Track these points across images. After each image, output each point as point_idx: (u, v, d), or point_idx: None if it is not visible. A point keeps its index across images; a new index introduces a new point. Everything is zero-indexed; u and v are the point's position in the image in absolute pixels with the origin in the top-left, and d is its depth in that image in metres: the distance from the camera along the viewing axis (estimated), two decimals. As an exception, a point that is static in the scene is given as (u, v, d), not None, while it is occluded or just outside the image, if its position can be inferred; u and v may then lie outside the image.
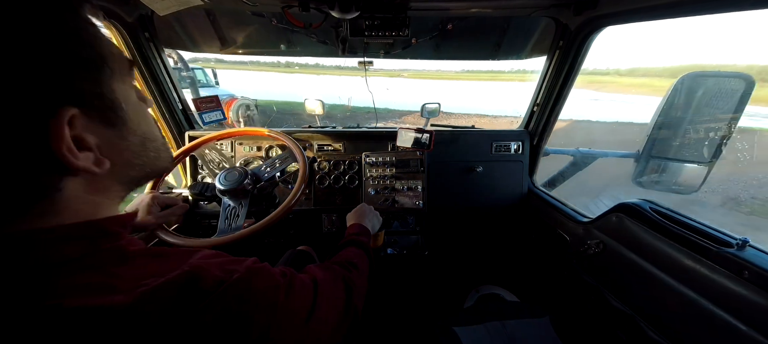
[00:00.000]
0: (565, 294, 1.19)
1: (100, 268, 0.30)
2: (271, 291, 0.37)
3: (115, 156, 0.32)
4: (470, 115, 10.20)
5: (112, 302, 0.27)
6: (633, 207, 0.92)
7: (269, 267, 0.40)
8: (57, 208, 0.30)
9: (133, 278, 0.30)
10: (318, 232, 1.41)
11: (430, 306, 1.43)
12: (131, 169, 0.36)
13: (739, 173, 2.37)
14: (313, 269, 0.51)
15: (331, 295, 0.48)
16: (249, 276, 0.35)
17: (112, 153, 0.32)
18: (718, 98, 1.14)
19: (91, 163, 0.30)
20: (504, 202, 1.43)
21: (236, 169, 0.94)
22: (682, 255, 0.76)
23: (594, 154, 1.47)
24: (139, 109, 0.36)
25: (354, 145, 1.36)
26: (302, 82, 11.06)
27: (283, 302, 0.37)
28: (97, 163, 0.30)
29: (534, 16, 1.11)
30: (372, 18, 1.03)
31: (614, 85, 16.32)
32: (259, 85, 14.51)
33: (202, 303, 0.30)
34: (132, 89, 0.36)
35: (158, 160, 0.39)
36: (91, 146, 0.29)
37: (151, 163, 0.38)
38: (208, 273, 0.32)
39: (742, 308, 0.64)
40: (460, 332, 0.91)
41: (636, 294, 0.89)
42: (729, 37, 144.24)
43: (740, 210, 2.45)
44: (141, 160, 0.36)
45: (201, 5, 1.00)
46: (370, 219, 0.92)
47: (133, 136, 0.34)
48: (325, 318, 0.44)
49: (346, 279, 0.55)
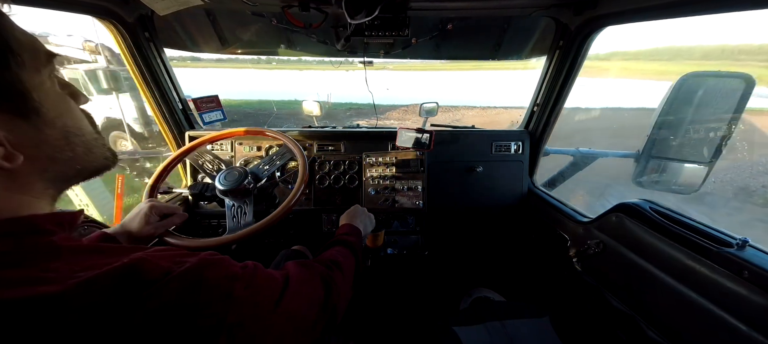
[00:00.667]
0: (565, 294, 1.19)
1: (31, 263, 0.29)
2: (225, 281, 0.35)
3: (31, 150, 0.31)
4: (475, 108, 10.10)
5: (41, 292, 0.26)
6: (633, 207, 0.92)
7: (229, 259, 0.39)
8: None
9: (67, 271, 0.29)
10: (318, 232, 1.41)
11: (430, 306, 1.43)
12: (56, 165, 0.34)
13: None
14: (290, 265, 0.51)
15: (304, 292, 0.46)
16: (201, 266, 0.34)
17: (27, 147, 0.30)
18: (718, 98, 1.14)
19: (0, 158, 0.28)
20: (504, 202, 1.43)
21: (236, 169, 0.94)
22: (682, 255, 0.76)
23: (594, 154, 1.47)
24: (60, 101, 0.34)
25: (354, 145, 1.36)
26: (282, 79, 10.59)
27: (240, 292, 0.36)
28: (7, 158, 0.29)
29: (534, 16, 1.11)
30: (372, 18, 1.03)
31: (594, 69, 16.53)
32: (231, 83, 14.03)
33: (146, 292, 0.29)
34: (50, 81, 0.34)
35: (90, 155, 0.38)
36: (1, 141, 0.28)
37: (80, 158, 0.36)
38: (153, 264, 0.31)
39: (742, 308, 0.64)
40: (460, 332, 0.91)
41: (636, 294, 0.89)
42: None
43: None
44: (65, 155, 0.35)
45: (201, 5, 1.00)
46: (362, 220, 0.91)
47: (51, 128, 0.33)
48: (295, 313, 0.42)
49: (326, 278, 0.54)
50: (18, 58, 0.29)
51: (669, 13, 0.83)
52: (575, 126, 6.56)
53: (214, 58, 8.29)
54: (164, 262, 0.33)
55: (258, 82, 14.01)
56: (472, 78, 16.45)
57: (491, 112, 9.87)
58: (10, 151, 0.29)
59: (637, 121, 7.41)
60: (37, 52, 0.32)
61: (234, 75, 17.08)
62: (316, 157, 1.34)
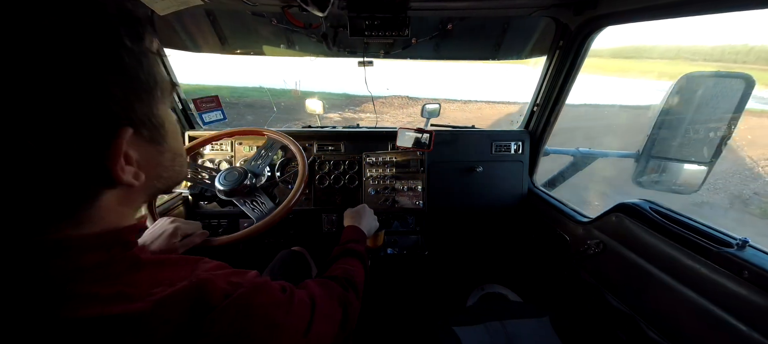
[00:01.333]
0: (565, 293, 1.19)
1: (117, 277, 0.31)
2: (272, 307, 0.37)
3: (150, 170, 0.35)
4: (478, 102, 9.91)
5: (129, 310, 0.28)
6: (633, 207, 0.92)
7: (270, 282, 0.41)
8: (90, 218, 0.31)
9: (147, 285, 0.31)
10: (318, 232, 1.41)
11: (430, 306, 1.43)
12: (158, 182, 0.38)
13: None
14: (312, 286, 0.52)
15: (327, 313, 0.49)
16: (253, 292, 0.36)
17: (148, 167, 0.34)
18: (717, 98, 1.13)
19: (132, 177, 0.32)
20: (504, 202, 1.43)
21: (236, 169, 0.94)
22: (682, 255, 0.76)
23: (594, 154, 1.47)
24: (175, 127, 0.39)
25: (354, 145, 1.36)
26: (243, 64, 10.13)
27: (283, 319, 0.38)
28: (136, 177, 0.32)
29: (534, 16, 1.11)
30: (372, 18, 1.03)
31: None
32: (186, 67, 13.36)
33: (210, 316, 0.31)
34: (168, 109, 0.38)
35: (181, 173, 0.42)
36: (133, 161, 0.32)
37: (175, 175, 0.40)
38: (215, 286, 0.33)
39: (742, 308, 0.64)
40: (460, 332, 0.91)
41: (636, 294, 0.89)
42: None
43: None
44: (168, 173, 0.38)
45: (201, 5, 1.00)
46: (368, 221, 0.91)
47: (169, 152, 0.37)
48: (321, 334, 0.45)
49: (343, 300, 0.56)
50: (160, 92, 0.34)
51: (669, 13, 0.83)
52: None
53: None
54: (222, 283, 0.34)
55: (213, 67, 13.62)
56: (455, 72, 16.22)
57: (472, 106, 9.72)
58: (137, 171, 0.32)
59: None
60: (168, 84, 0.36)
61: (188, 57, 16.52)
62: (316, 157, 1.34)
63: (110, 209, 0.32)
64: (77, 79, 0.26)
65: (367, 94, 1.51)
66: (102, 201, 0.31)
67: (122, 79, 0.29)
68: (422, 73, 14.66)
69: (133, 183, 0.32)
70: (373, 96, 1.63)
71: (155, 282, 0.32)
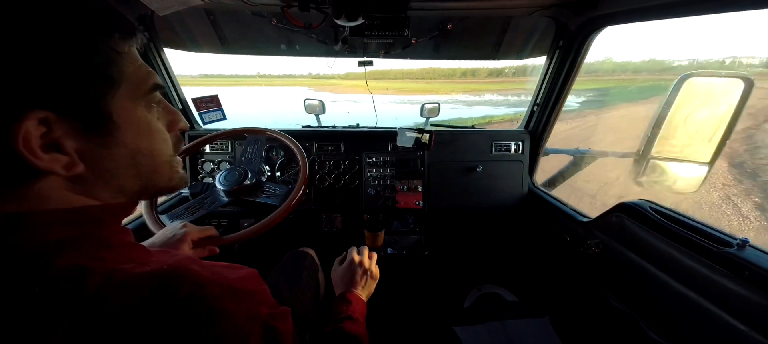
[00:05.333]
0: (565, 294, 1.19)
1: (86, 252, 0.31)
2: (246, 321, 0.33)
3: (94, 163, 0.33)
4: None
5: (88, 285, 0.28)
6: (633, 207, 0.92)
7: (261, 293, 0.37)
8: (35, 196, 0.31)
9: (113, 261, 0.31)
10: (318, 232, 1.41)
11: (430, 306, 1.43)
12: (118, 179, 0.36)
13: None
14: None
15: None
16: (227, 295, 0.33)
17: (90, 160, 0.33)
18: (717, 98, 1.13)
19: (60, 166, 0.30)
20: (504, 202, 1.43)
21: (236, 169, 0.94)
22: (682, 255, 0.76)
23: (594, 153, 1.47)
24: (143, 127, 0.37)
25: (354, 145, 1.36)
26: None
27: (256, 340, 0.32)
28: (68, 166, 0.31)
29: (534, 16, 1.11)
30: (372, 18, 1.03)
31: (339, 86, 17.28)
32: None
33: (172, 307, 0.29)
34: (145, 108, 0.37)
35: (155, 177, 0.40)
36: (68, 151, 0.31)
37: (144, 177, 0.38)
38: (189, 275, 0.32)
39: (742, 308, 0.64)
40: (460, 332, 0.91)
41: (636, 294, 0.89)
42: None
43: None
44: (129, 173, 0.37)
45: (201, 5, 0.99)
46: (362, 279, 0.75)
47: (121, 148, 0.35)
48: None
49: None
50: (113, 88, 0.33)
51: (669, 13, 0.83)
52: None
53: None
54: (202, 273, 0.33)
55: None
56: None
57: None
58: (74, 161, 0.31)
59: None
60: (141, 85, 0.36)
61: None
62: (316, 157, 1.34)
63: (56, 193, 0.32)
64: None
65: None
66: (41, 184, 0.31)
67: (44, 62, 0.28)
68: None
69: (58, 172, 0.30)
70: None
71: (126, 259, 0.32)
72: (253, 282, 0.38)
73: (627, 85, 35.71)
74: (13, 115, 0.27)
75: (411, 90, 32.88)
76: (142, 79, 0.36)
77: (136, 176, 0.38)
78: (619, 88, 26.70)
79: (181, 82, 1.34)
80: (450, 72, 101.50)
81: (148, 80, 0.36)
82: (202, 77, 17.53)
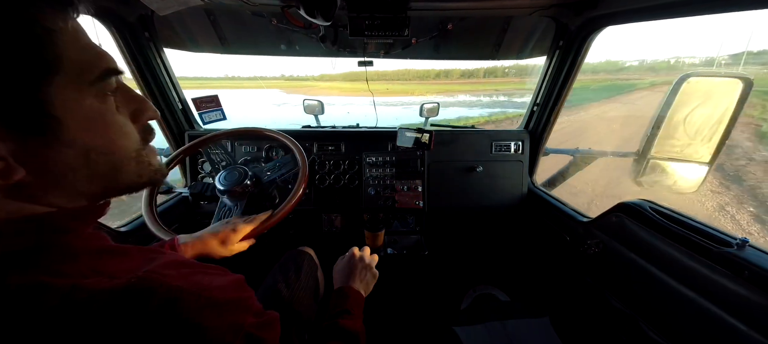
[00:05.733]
0: (565, 294, 1.19)
1: (44, 265, 0.28)
2: (224, 334, 0.31)
3: (36, 166, 0.28)
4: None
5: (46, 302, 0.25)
6: (633, 207, 0.92)
7: (246, 302, 0.35)
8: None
9: (77, 275, 0.28)
10: (318, 232, 1.40)
11: (430, 306, 1.43)
12: (72, 182, 0.32)
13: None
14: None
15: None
16: (205, 308, 0.30)
17: (32, 163, 0.28)
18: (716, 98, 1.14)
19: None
20: (504, 202, 1.43)
21: (237, 169, 0.93)
22: (682, 255, 0.76)
23: (594, 153, 1.47)
24: (94, 120, 0.31)
25: (354, 145, 1.36)
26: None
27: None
28: (3, 174, 0.27)
29: (534, 16, 1.11)
30: (372, 18, 1.03)
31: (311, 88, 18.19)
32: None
33: (141, 320, 0.27)
34: (97, 98, 0.31)
35: (117, 174, 0.35)
36: (2, 154, 0.26)
37: (103, 177, 0.34)
38: (161, 286, 0.29)
39: (742, 308, 0.64)
40: (460, 332, 0.91)
41: (636, 294, 0.89)
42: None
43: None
44: (82, 174, 0.32)
45: (201, 5, 0.99)
46: (362, 275, 0.76)
47: (68, 147, 0.30)
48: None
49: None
50: (49, 75, 0.27)
51: (669, 13, 0.83)
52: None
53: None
54: (174, 282, 0.30)
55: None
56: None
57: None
58: (11, 165, 0.27)
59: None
60: (88, 69, 0.30)
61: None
62: (316, 157, 1.34)
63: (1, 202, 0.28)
64: None
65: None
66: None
67: None
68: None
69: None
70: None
71: (92, 270, 0.28)
72: (237, 290, 0.35)
73: (588, 84, 36.57)
74: None
75: (388, 92, 33.23)
76: (89, 63, 0.30)
77: (93, 177, 0.33)
78: (582, 88, 27.05)
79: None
80: (424, 73, 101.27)
81: (98, 64, 0.31)
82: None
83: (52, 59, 0.27)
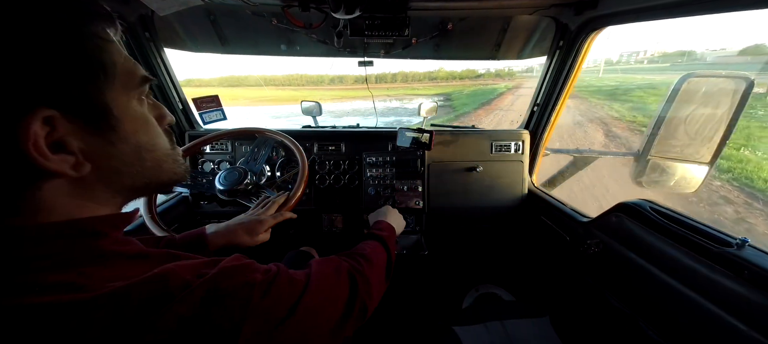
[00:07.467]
0: (565, 294, 1.19)
1: (74, 267, 0.30)
2: (244, 289, 0.34)
3: (100, 161, 0.32)
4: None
5: (75, 299, 0.26)
6: (633, 207, 0.92)
7: (252, 265, 0.38)
8: (37, 208, 0.30)
9: (101, 279, 0.29)
10: (318, 232, 1.41)
11: (430, 306, 1.43)
12: (123, 177, 0.36)
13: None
14: (314, 263, 0.49)
15: (325, 289, 0.44)
16: (219, 276, 0.34)
17: (96, 158, 0.32)
18: (717, 98, 1.14)
19: (68, 166, 0.30)
20: (504, 202, 1.43)
21: (236, 169, 0.94)
22: (682, 255, 0.76)
23: (594, 153, 1.47)
24: (140, 120, 0.36)
25: (354, 145, 1.36)
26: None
27: (257, 301, 0.34)
28: (76, 167, 0.30)
29: (534, 16, 1.11)
30: (372, 18, 1.03)
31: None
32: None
33: (165, 307, 0.29)
34: (139, 102, 0.37)
35: (159, 171, 0.39)
36: (73, 150, 0.30)
37: (148, 173, 0.38)
38: (177, 277, 0.31)
39: (742, 308, 0.64)
40: (460, 332, 0.91)
41: (636, 294, 0.89)
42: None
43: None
44: (134, 169, 0.36)
45: (201, 5, 1.00)
46: (394, 218, 0.93)
47: (124, 144, 0.34)
48: (315, 313, 0.41)
49: (353, 271, 0.51)
50: (109, 79, 0.32)
51: (669, 13, 0.83)
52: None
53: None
54: (186, 274, 0.32)
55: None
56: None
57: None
58: (80, 161, 0.31)
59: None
60: (132, 76, 0.35)
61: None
62: (316, 157, 1.34)
63: (59, 201, 0.31)
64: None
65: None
66: (44, 192, 0.30)
67: (40, 58, 0.27)
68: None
69: (67, 173, 0.30)
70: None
71: (117, 276, 0.30)
72: (239, 262, 0.38)
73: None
74: (18, 115, 0.26)
75: (346, 97, 33.14)
76: (131, 71, 0.35)
77: (141, 173, 0.37)
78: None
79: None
80: (382, 75, 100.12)
81: (136, 72, 0.35)
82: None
83: (110, 65, 0.32)
